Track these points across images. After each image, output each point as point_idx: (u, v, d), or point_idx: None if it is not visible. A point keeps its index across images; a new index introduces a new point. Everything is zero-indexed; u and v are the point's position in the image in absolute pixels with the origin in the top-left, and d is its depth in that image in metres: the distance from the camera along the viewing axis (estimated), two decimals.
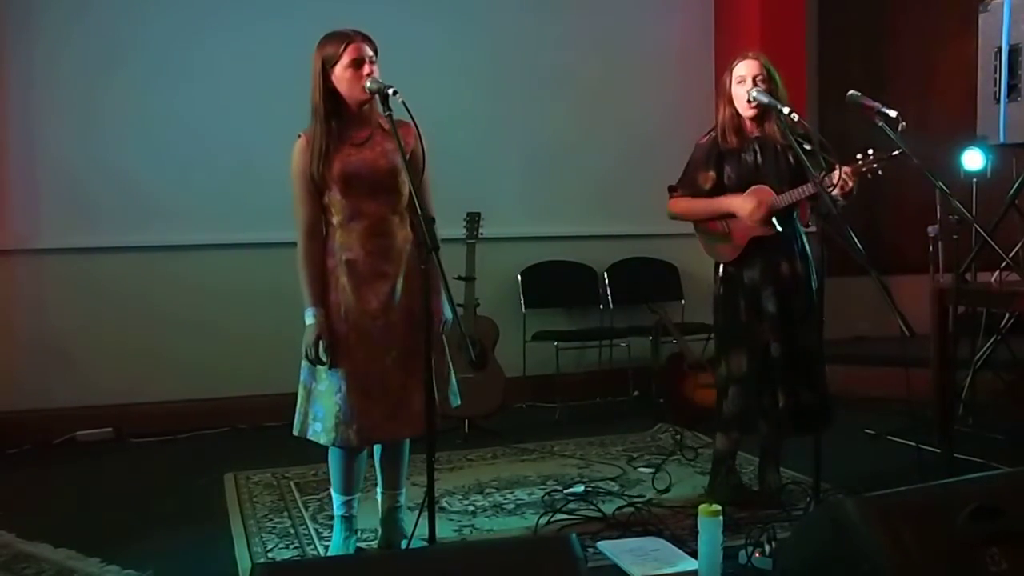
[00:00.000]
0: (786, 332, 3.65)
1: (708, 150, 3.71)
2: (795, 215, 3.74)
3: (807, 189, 3.51)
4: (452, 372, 3.34)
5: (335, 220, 3.15)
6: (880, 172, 3.41)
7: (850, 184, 3.38)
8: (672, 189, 3.80)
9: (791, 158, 3.62)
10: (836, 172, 3.39)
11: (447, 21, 5.65)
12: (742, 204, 3.62)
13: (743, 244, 3.65)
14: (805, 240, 3.77)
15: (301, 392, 3.21)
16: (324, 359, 3.11)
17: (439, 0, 5.66)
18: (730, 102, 3.63)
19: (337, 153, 3.10)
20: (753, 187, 3.61)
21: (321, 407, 3.16)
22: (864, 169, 3.40)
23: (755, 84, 3.55)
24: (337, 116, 3.12)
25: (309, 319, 3.11)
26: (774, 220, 3.62)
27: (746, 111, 3.61)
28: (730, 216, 3.67)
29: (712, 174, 3.68)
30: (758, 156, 3.66)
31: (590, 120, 5.92)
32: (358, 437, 3.12)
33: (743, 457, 4.17)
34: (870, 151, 3.41)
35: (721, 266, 3.73)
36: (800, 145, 3.56)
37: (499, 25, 5.78)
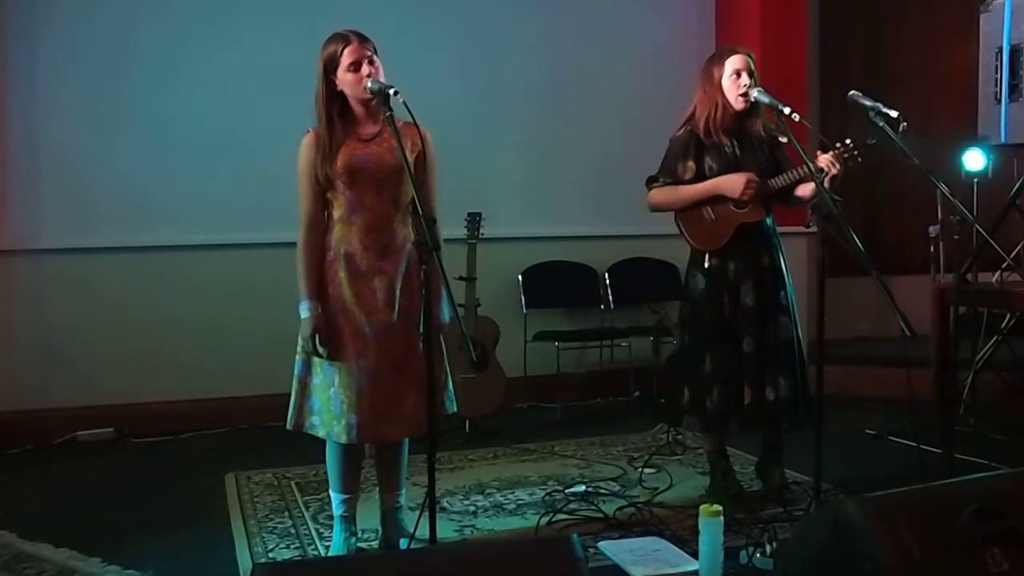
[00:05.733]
0: (759, 327, 3.66)
1: (686, 142, 3.71)
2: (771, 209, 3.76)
3: (797, 173, 3.54)
4: (450, 377, 3.33)
5: (336, 214, 3.17)
6: (860, 160, 3.47)
7: (834, 170, 3.43)
8: (652, 180, 3.78)
9: (768, 151, 3.69)
10: (823, 159, 3.45)
11: (449, 22, 5.66)
12: (731, 182, 3.61)
13: (730, 232, 3.64)
14: (778, 233, 3.79)
15: (295, 386, 3.22)
16: (321, 352, 3.12)
17: (441, 1, 5.66)
18: (721, 94, 3.63)
19: (344, 147, 3.12)
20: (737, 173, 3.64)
21: (317, 400, 3.18)
22: (846, 156, 3.45)
23: (750, 80, 3.58)
24: (346, 115, 3.15)
25: (304, 312, 3.13)
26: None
27: (738, 104, 3.61)
28: (718, 198, 3.65)
29: (692, 164, 3.68)
30: (736, 149, 3.67)
31: (591, 120, 5.92)
32: (348, 433, 3.12)
33: (744, 458, 4.17)
34: (848, 140, 3.48)
35: (705, 258, 3.71)
36: (777, 140, 3.62)
37: (501, 25, 5.78)
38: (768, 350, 3.66)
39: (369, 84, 3.04)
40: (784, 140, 3.65)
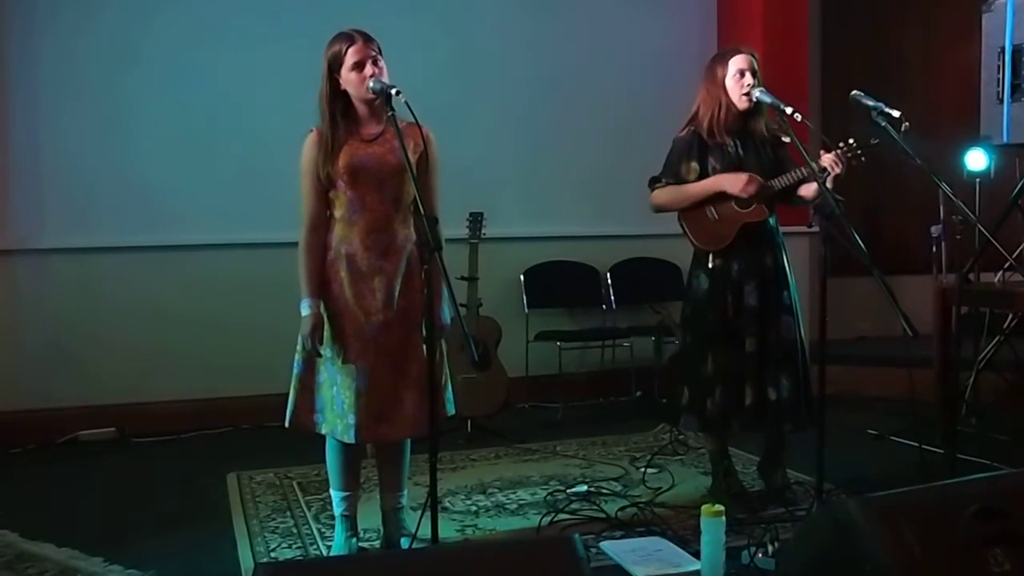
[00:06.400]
0: (762, 327, 3.65)
1: (689, 142, 3.70)
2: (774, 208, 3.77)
3: (800, 172, 3.54)
4: (449, 379, 3.34)
5: (338, 214, 3.17)
6: (863, 159, 3.49)
7: (837, 170, 3.45)
8: (655, 180, 3.77)
9: (771, 151, 3.69)
10: (826, 158, 3.46)
11: (451, 22, 5.65)
12: (733, 179, 3.60)
13: (734, 231, 3.64)
14: (781, 233, 3.79)
15: (294, 384, 3.23)
16: (320, 351, 3.12)
17: (442, 1, 5.66)
18: (724, 93, 3.63)
19: (346, 147, 3.12)
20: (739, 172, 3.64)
21: (321, 398, 3.19)
22: (848, 156, 3.45)
23: (753, 79, 3.58)
24: (349, 114, 3.16)
25: (305, 310, 3.13)
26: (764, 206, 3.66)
27: (742, 104, 3.61)
28: (721, 197, 3.65)
29: (695, 165, 3.68)
30: (739, 148, 3.67)
31: (593, 120, 5.91)
32: (348, 433, 3.13)
33: (745, 457, 4.17)
34: (851, 140, 3.49)
35: (709, 258, 3.70)
36: (780, 140, 3.62)
37: (503, 25, 5.78)
38: (771, 350, 3.66)
39: (371, 84, 3.04)
40: (787, 140, 3.65)
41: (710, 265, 3.69)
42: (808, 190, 3.64)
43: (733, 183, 3.60)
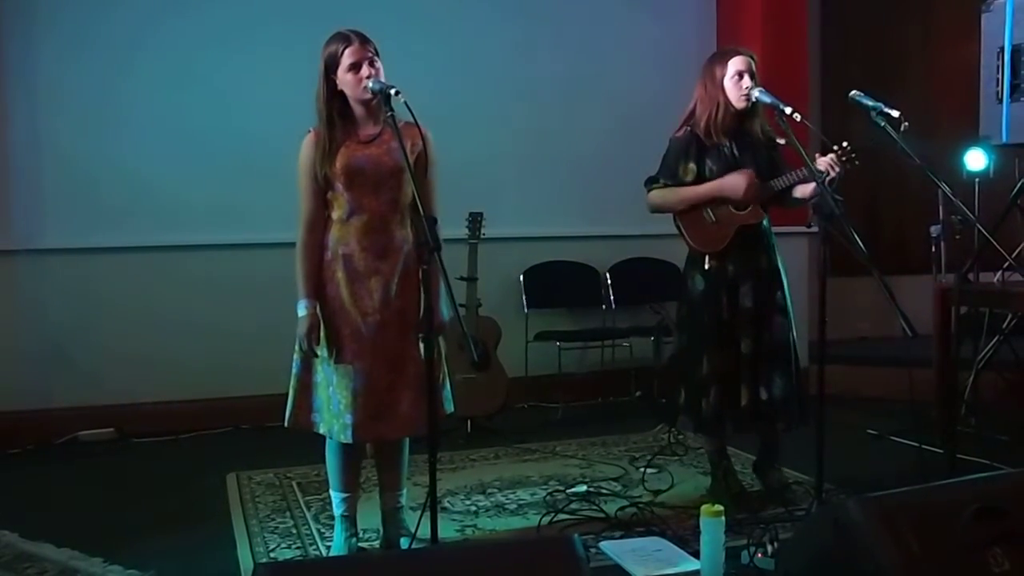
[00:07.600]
0: (757, 328, 3.66)
1: (686, 143, 3.70)
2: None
3: (798, 174, 3.55)
4: (447, 377, 3.34)
5: (335, 215, 3.17)
6: (857, 163, 3.49)
7: (833, 173, 3.45)
8: (651, 180, 3.77)
9: (766, 153, 3.69)
10: (823, 161, 3.47)
11: (451, 21, 5.65)
12: (733, 187, 3.61)
13: (731, 233, 3.64)
14: (773, 234, 3.79)
15: (293, 384, 3.23)
16: (317, 351, 3.12)
17: (441, 2, 5.66)
18: (723, 93, 3.63)
19: (343, 148, 3.12)
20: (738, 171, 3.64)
21: (319, 398, 3.20)
22: (844, 159, 3.46)
23: (751, 81, 3.58)
24: (346, 115, 3.16)
25: (302, 311, 3.13)
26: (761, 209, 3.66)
27: (740, 105, 3.61)
28: (719, 200, 3.65)
29: (692, 166, 3.68)
30: (735, 149, 3.67)
31: (593, 120, 5.91)
32: (345, 432, 3.13)
33: (745, 458, 4.17)
34: (845, 143, 3.50)
35: (705, 259, 3.70)
36: (775, 142, 3.63)
37: (503, 25, 5.78)
38: (765, 351, 3.66)
39: (370, 84, 3.04)
40: (782, 142, 3.65)
41: (706, 267, 3.69)
42: (804, 190, 3.64)
43: (734, 189, 3.60)
